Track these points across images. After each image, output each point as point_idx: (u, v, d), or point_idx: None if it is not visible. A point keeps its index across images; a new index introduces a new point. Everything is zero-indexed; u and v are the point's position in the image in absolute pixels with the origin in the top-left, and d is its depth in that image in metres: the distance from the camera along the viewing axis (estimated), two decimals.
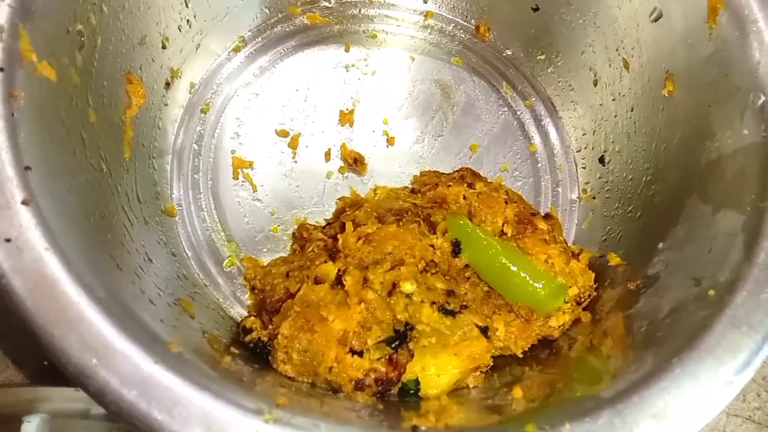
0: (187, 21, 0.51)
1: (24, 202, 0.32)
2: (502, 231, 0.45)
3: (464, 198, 0.46)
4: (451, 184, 0.46)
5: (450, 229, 0.45)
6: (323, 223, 0.52)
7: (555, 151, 0.56)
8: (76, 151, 0.39)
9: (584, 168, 0.55)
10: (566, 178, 0.55)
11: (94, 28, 0.41)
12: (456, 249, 0.44)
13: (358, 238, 0.44)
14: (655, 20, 0.47)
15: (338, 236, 0.45)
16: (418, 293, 0.41)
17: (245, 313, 0.48)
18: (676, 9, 0.46)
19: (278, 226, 0.51)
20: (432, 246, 0.44)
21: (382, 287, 0.42)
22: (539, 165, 0.55)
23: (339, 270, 0.44)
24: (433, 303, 0.41)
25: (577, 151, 0.55)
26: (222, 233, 0.51)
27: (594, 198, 0.53)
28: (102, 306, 0.31)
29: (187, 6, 0.50)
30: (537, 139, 0.56)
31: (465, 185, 0.46)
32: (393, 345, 0.40)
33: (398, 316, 0.41)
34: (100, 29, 0.42)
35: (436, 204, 0.47)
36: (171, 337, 0.33)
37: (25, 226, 0.31)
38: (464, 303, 0.42)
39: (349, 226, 0.44)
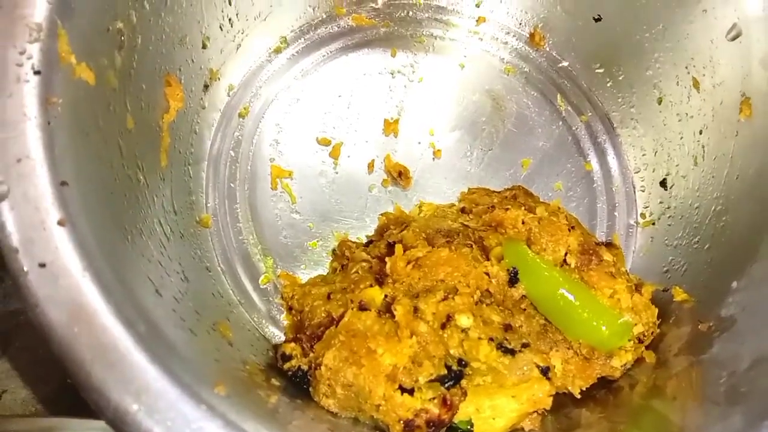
0: (229, 19, 0.47)
1: (60, 223, 0.29)
2: (565, 261, 0.42)
3: (523, 223, 0.42)
4: (509, 207, 0.43)
5: (507, 256, 0.42)
6: (364, 240, 0.49)
7: (612, 171, 0.52)
8: (113, 162, 0.36)
9: (643, 191, 0.51)
10: (623, 200, 0.51)
11: (134, 26, 0.38)
12: (513, 278, 0.41)
13: (408, 262, 0.41)
14: (733, 39, 0.44)
15: (386, 259, 0.42)
16: (475, 328, 0.38)
17: (280, 334, 0.45)
18: (757, 28, 0.43)
19: (317, 241, 0.48)
20: (487, 274, 0.41)
21: (434, 319, 0.38)
22: (595, 185, 0.52)
23: (386, 296, 0.41)
24: (491, 339, 0.38)
25: (636, 172, 0.52)
26: (258, 247, 0.48)
27: (654, 224, 0.50)
28: (144, 343, 0.28)
29: (230, 3, 0.47)
30: (593, 158, 0.52)
31: (524, 209, 0.43)
32: (447, 384, 0.37)
33: (452, 352, 0.38)
34: (141, 28, 0.39)
35: (490, 227, 0.43)
36: (215, 375, 0.31)
37: (61, 249, 0.28)
38: (525, 341, 0.38)
39: (398, 249, 0.41)
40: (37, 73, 0.31)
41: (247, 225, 0.48)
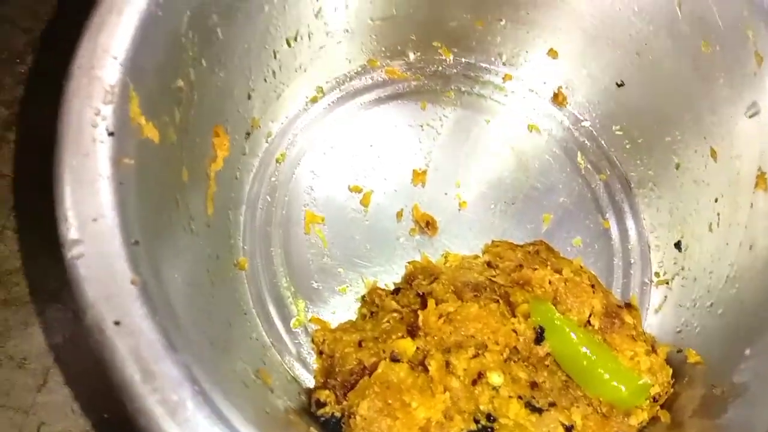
0: (273, 72, 0.50)
1: (133, 282, 0.31)
2: (588, 322, 0.44)
3: (549, 283, 0.45)
4: (537, 267, 0.45)
5: (534, 314, 0.44)
6: (392, 287, 0.51)
7: (628, 230, 0.55)
8: (171, 216, 0.38)
9: (658, 249, 0.54)
10: (638, 258, 0.54)
11: (192, 83, 0.40)
12: (539, 337, 0.43)
13: (439, 316, 0.43)
14: (752, 116, 0.46)
15: (418, 312, 0.44)
16: (505, 386, 0.40)
17: (309, 377, 0.47)
18: None
19: (347, 286, 0.50)
20: (515, 331, 0.43)
21: (465, 374, 0.40)
22: (612, 242, 0.54)
23: (418, 348, 0.43)
24: (520, 397, 0.40)
25: (651, 231, 0.54)
26: (291, 290, 0.49)
27: (668, 283, 0.52)
28: (209, 402, 0.29)
29: (275, 57, 0.49)
30: (611, 216, 0.55)
31: (550, 268, 0.45)
32: None
33: (481, 407, 0.40)
34: (197, 84, 0.41)
35: (517, 284, 0.46)
36: (271, 428, 0.32)
37: (134, 308, 0.30)
38: (551, 400, 0.40)
39: (431, 303, 0.43)
40: (111, 134, 0.33)
41: (281, 268, 0.50)
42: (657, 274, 0.53)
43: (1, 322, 0.47)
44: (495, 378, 0.40)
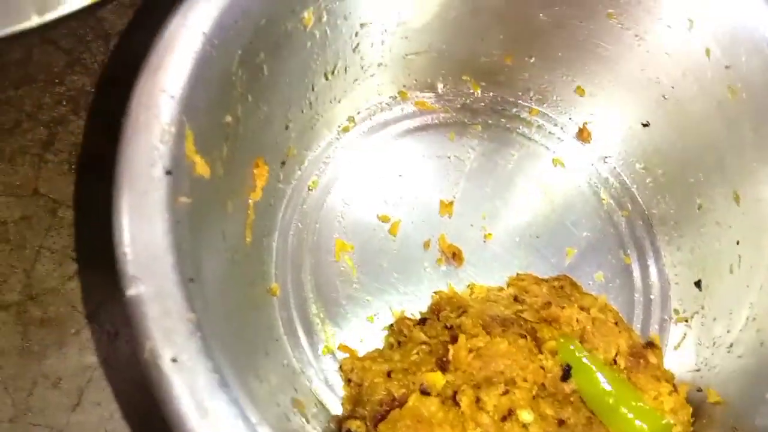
0: (309, 103, 0.51)
1: (189, 320, 0.32)
2: (614, 360, 0.45)
3: (577, 321, 0.46)
4: (565, 305, 0.46)
5: (561, 352, 0.45)
6: (418, 316, 0.52)
7: (649, 266, 0.56)
8: (218, 249, 0.39)
9: (678, 286, 0.55)
10: (658, 294, 0.55)
11: (239, 118, 0.42)
12: (566, 374, 0.44)
13: (469, 351, 0.44)
14: None
15: (448, 346, 0.45)
16: (535, 423, 0.41)
17: (337, 404, 0.48)
18: None
19: (374, 315, 0.51)
20: (542, 368, 0.44)
21: (495, 410, 0.42)
22: (633, 278, 0.55)
23: (447, 381, 0.44)
24: None
25: (672, 268, 0.55)
26: (320, 316, 0.50)
27: (687, 321, 0.53)
28: None
29: (313, 90, 0.50)
30: (632, 251, 0.56)
31: (578, 307, 0.46)
32: None
33: None
34: (243, 118, 0.42)
35: (545, 321, 0.47)
36: None
37: (191, 346, 0.31)
38: None
39: (462, 339, 0.44)
40: (168, 173, 0.34)
41: (311, 295, 0.51)
42: (676, 311, 0.54)
43: (37, 342, 0.48)
44: (526, 415, 0.41)
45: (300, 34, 0.45)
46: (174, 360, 0.31)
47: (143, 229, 0.33)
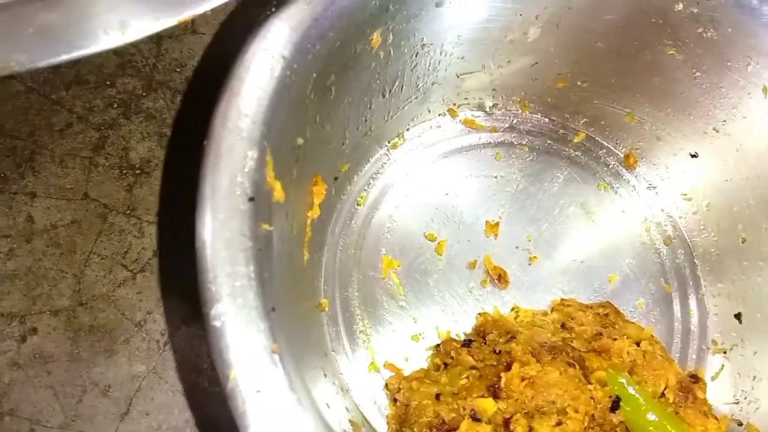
0: (366, 120, 0.51)
1: (274, 351, 0.32)
2: (662, 394, 0.46)
3: (627, 353, 0.46)
4: (617, 337, 0.47)
5: (610, 383, 0.45)
6: (462, 337, 0.52)
7: (689, 296, 0.56)
8: (287, 272, 0.39)
9: (717, 317, 0.55)
10: (697, 325, 0.56)
11: (308, 139, 0.41)
12: (615, 405, 0.45)
13: (521, 379, 0.45)
14: None
15: (501, 373, 0.45)
16: None
17: (381, 422, 0.48)
18: None
19: (419, 334, 0.52)
20: (592, 398, 0.45)
21: None
22: (673, 307, 0.56)
23: (498, 408, 0.44)
24: None
25: (712, 298, 0.56)
26: (366, 333, 0.51)
27: (725, 353, 0.54)
28: None
29: (370, 108, 0.50)
30: (672, 280, 0.57)
31: (627, 339, 0.47)
32: None
33: None
34: (310, 139, 0.42)
35: (594, 351, 0.47)
36: None
37: (275, 377, 0.31)
38: None
39: (516, 367, 0.45)
40: (251, 199, 0.34)
41: (358, 311, 0.51)
42: (714, 342, 0.55)
43: (87, 348, 0.48)
44: None
45: (366, 55, 0.45)
46: (258, 392, 0.31)
47: (227, 257, 0.33)
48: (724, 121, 0.53)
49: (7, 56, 0.31)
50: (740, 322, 0.54)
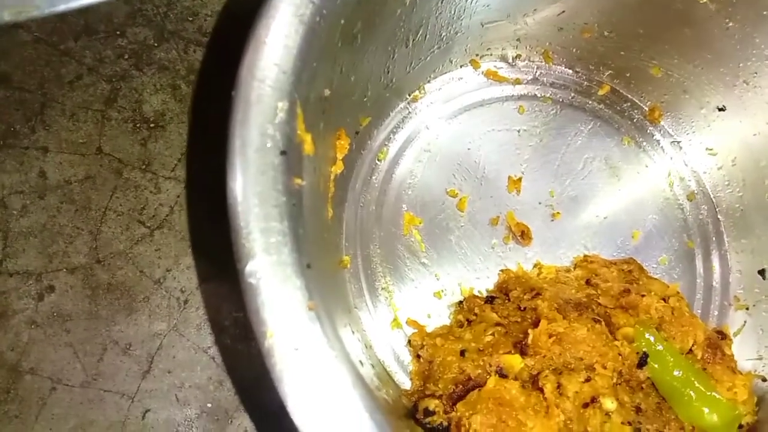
0: (387, 71, 0.49)
1: (310, 307, 0.31)
2: (690, 350, 0.45)
3: (655, 310, 0.46)
4: (645, 293, 0.46)
5: (638, 340, 0.45)
6: (485, 294, 0.51)
7: (711, 252, 0.56)
8: (319, 229, 0.38)
9: (740, 274, 0.55)
10: (719, 281, 0.55)
11: (334, 90, 0.40)
12: (643, 361, 0.44)
13: (549, 336, 0.44)
14: None
15: (528, 330, 0.45)
16: (617, 412, 0.41)
17: (404, 378, 0.48)
18: None
19: (441, 291, 0.51)
20: (620, 354, 0.44)
21: (576, 396, 0.42)
22: (695, 264, 0.55)
23: (525, 365, 0.44)
24: (629, 423, 0.41)
25: (736, 254, 0.55)
26: (388, 290, 0.50)
27: (747, 309, 0.53)
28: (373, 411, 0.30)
29: (393, 58, 0.48)
30: (695, 236, 0.56)
31: (657, 297, 0.46)
32: None
33: (590, 430, 0.41)
34: (337, 91, 0.40)
35: (621, 308, 0.47)
36: None
37: (312, 334, 0.31)
38: (659, 428, 0.42)
39: (543, 323, 0.44)
40: (283, 153, 0.33)
41: (379, 268, 0.50)
42: (737, 299, 0.54)
43: (106, 306, 0.47)
44: (608, 404, 0.41)
45: (393, 1, 0.43)
46: (296, 349, 0.30)
47: (261, 212, 0.31)
48: (755, 73, 0.51)
49: (24, 2, 0.29)
50: (764, 278, 0.53)
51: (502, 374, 0.44)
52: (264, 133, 0.32)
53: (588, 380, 0.42)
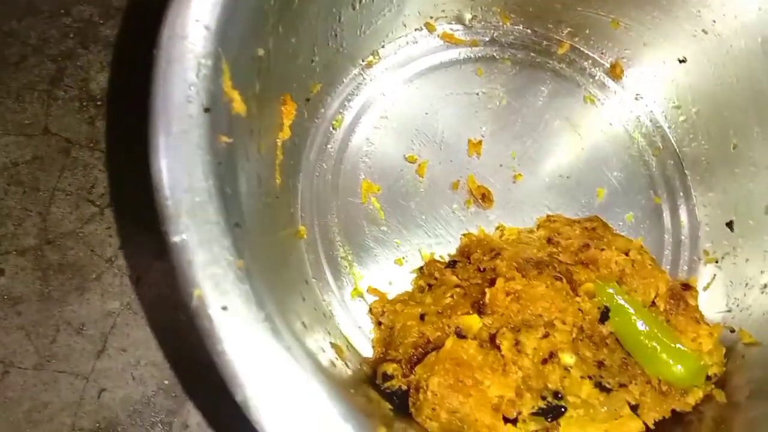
0: (335, 35, 0.48)
1: (239, 266, 0.30)
2: (653, 302, 0.44)
3: (615, 263, 0.45)
4: (604, 247, 0.45)
5: (599, 294, 0.44)
6: (447, 259, 0.51)
7: (679, 207, 0.55)
8: (254, 192, 0.37)
9: (709, 228, 0.54)
10: (688, 236, 0.54)
11: (269, 51, 0.39)
12: (604, 316, 0.44)
13: (506, 294, 0.43)
14: None
15: (485, 289, 0.44)
16: (577, 366, 0.40)
17: (366, 346, 0.47)
18: None
19: (402, 258, 0.50)
20: (580, 310, 0.43)
21: (534, 353, 0.41)
22: (663, 219, 0.54)
23: (483, 324, 0.43)
24: (590, 377, 0.41)
25: (703, 208, 0.54)
26: (347, 259, 0.49)
27: (717, 262, 0.52)
28: (322, 384, 0.29)
29: (340, 20, 0.47)
30: (662, 192, 0.55)
31: (617, 249, 0.45)
32: (549, 418, 0.39)
33: (549, 385, 0.40)
34: (273, 52, 0.40)
35: (581, 263, 0.46)
36: (363, 409, 0.32)
37: (240, 293, 0.30)
38: (621, 381, 0.41)
39: (500, 282, 0.43)
40: (206, 110, 0.32)
41: (338, 238, 0.49)
42: (706, 252, 0.54)
43: (57, 287, 0.46)
44: (567, 359, 0.40)
45: None
46: (224, 308, 0.29)
47: (183, 171, 0.30)
48: (714, 21, 0.50)
49: None
50: (732, 231, 0.52)
51: (461, 335, 0.43)
52: (186, 91, 0.31)
53: (546, 336, 0.41)
